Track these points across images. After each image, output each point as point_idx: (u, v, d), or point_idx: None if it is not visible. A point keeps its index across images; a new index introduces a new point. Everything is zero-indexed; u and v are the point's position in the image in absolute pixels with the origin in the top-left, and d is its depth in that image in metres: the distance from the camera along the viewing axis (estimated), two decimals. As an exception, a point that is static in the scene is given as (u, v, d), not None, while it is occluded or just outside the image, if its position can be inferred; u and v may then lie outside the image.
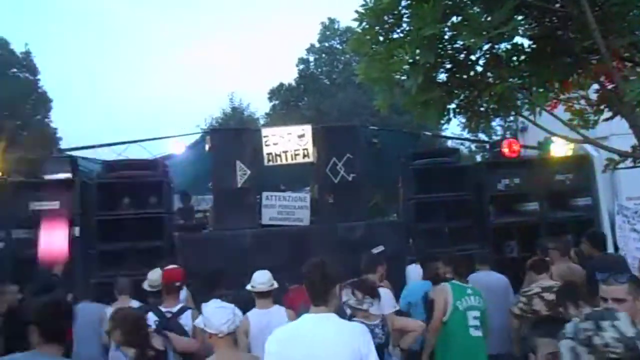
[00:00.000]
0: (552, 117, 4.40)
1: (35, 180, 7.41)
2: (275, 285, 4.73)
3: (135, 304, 5.21)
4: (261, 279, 4.63)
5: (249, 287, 4.66)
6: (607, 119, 4.44)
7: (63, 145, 22.42)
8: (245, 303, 4.45)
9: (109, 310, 4.90)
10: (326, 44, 28.25)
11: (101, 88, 52.90)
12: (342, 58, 27.40)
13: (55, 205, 7.28)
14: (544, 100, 4.24)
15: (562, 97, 4.71)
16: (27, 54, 25.65)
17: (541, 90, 4.20)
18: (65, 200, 7.30)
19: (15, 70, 25.29)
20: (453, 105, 4.24)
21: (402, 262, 7.19)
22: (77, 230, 7.38)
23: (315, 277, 2.73)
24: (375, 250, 7.27)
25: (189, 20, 60.53)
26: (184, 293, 5.29)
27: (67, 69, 45.50)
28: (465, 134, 22.24)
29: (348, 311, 3.73)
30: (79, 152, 8.41)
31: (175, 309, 4.60)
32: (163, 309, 4.57)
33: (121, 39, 57.54)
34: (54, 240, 6.94)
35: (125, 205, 7.73)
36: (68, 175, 7.33)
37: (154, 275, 5.18)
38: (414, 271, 6.43)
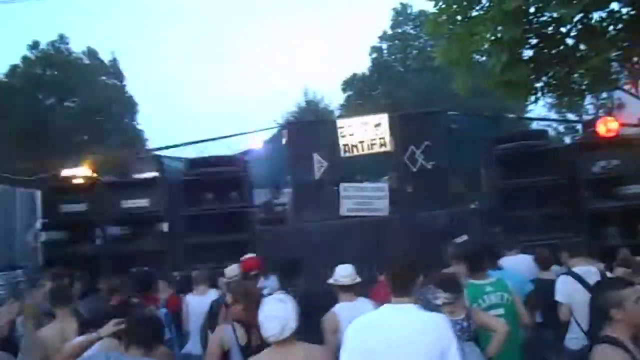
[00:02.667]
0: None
1: (126, 180, 7.83)
2: (359, 279, 4.64)
3: (214, 294, 5.33)
4: (344, 273, 4.55)
5: (331, 280, 4.60)
6: None
7: (149, 145, 23.77)
8: (317, 297, 4.41)
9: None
10: (399, 30, 27.65)
11: (182, 90, 55.41)
12: (416, 43, 26.72)
13: (144, 202, 7.67)
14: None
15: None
16: (114, 61, 27.33)
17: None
18: (153, 197, 7.66)
19: (104, 77, 27.04)
20: (541, 84, 3.93)
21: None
22: (165, 226, 7.74)
23: (398, 268, 2.63)
24: (458, 240, 7.01)
25: (256, 18, 61.72)
26: (272, 282, 5.35)
27: (149, 74, 48.07)
28: (552, 115, 20.90)
29: (432, 304, 3.58)
30: (163, 152, 8.82)
31: None
32: None
33: (197, 40, 59.78)
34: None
35: (209, 201, 7.99)
36: (155, 173, 7.69)
37: (230, 272, 5.31)
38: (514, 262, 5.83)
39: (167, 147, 8.91)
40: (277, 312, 3.08)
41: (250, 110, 44.38)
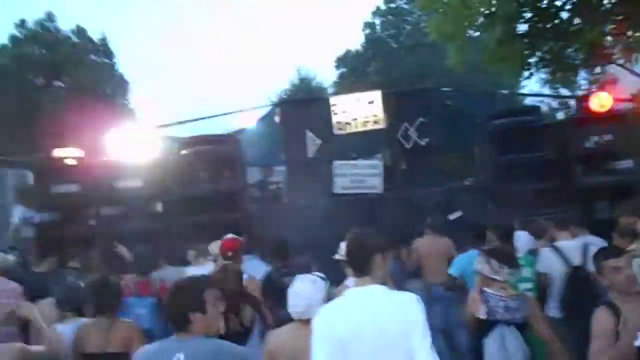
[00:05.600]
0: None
1: (119, 160, 7.76)
2: None
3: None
4: None
5: (337, 256, 4.59)
6: None
7: (142, 125, 23.47)
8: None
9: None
10: (392, 5, 27.31)
11: (174, 69, 54.76)
12: (410, 19, 26.42)
13: (138, 182, 7.62)
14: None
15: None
16: (103, 39, 26.86)
17: (639, 33, 3.75)
18: (147, 177, 7.61)
19: (93, 57, 26.60)
20: (535, 59, 3.89)
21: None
22: (159, 206, 7.71)
23: (353, 248, 2.62)
24: (452, 216, 7.04)
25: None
26: (255, 263, 5.37)
27: (140, 53, 47.41)
28: (546, 91, 20.83)
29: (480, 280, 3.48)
30: (157, 131, 8.72)
31: None
32: None
33: (189, 17, 58.85)
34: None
35: (202, 180, 7.95)
36: (149, 153, 7.63)
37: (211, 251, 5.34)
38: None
39: (160, 127, 8.81)
40: (305, 292, 3.10)
41: (244, 88, 44.06)
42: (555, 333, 3.69)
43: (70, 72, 24.67)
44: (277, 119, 8.40)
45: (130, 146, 7.65)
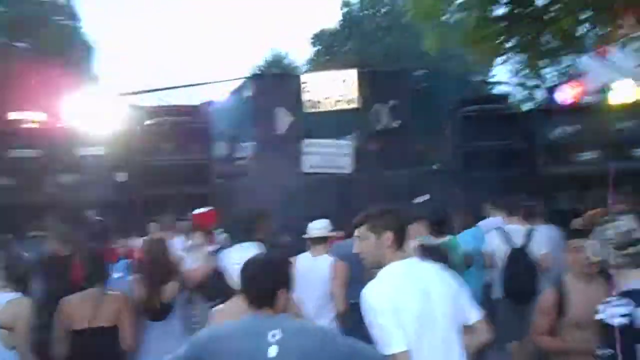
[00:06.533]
0: (617, 59, 3.96)
1: (81, 126, 7.48)
2: (331, 233, 4.60)
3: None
4: (316, 225, 4.50)
5: (305, 236, 4.55)
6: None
7: (107, 92, 22.76)
8: (280, 250, 4.38)
9: None
10: (370, -15, 27.04)
11: (143, 36, 53.13)
12: (387, 0, 26.23)
13: (101, 151, 7.37)
14: (616, 37, 3.82)
15: (634, 35, 4.24)
16: (68, 0, 25.77)
17: (612, 25, 3.78)
18: (111, 146, 7.37)
19: (59, 17, 25.51)
20: (511, 44, 3.88)
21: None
22: (123, 176, 7.49)
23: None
24: (419, 199, 7.08)
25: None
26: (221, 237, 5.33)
27: (108, 17, 45.71)
28: (516, 81, 21.09)
29: None
30: (123, 99, 8.45)
31: None
32: None
33: (162, -15, 57.09)
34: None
35: (168, 152, 7.76)
36: (113, 121, 7.38)
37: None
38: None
39: (125, 94, 8.54)
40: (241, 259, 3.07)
41: (217, 62, 43.15)
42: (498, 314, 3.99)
43: (32, 33, 23.61)
44: (248, 93, 8.23)
45: (93, 113, 7.38)
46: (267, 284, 2.21)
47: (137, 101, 8.79)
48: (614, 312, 2.27)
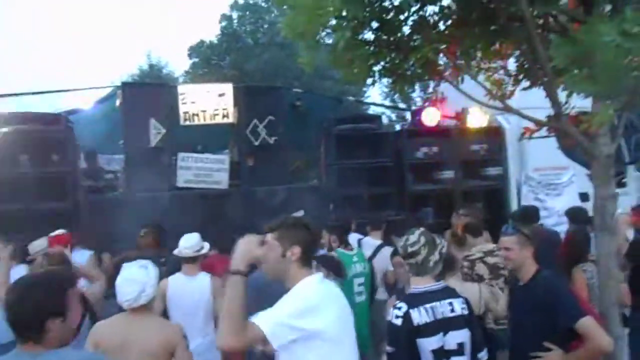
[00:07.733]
0: (471, 87, 4.39)
1: None
2: (205, 250, 4.51)
3: (22, 269, 4.72)
4: (186, 244, 4.39)
5: (176, 251, 4.43)
6: (525, 89, 4.52)
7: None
8: None
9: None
10: (250, 1, 27.22)
11: (7, 34, 47.97)
12: (267, 17, 26.58)
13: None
14: (467, 68, 4.22)
15: (483, 66, 4.73)
16: None
17: (465, 57, 4.19)
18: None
19: None
20: (379, 67, 4.11)
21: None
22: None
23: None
24: (294, 215, 7.16)
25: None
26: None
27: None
28: (387, 102, 22.52)
29: None
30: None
31: None
32: None
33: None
34: None
35: (23, 163, 7.02)
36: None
37: (36, 247, 4.81)
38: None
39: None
40: (137, 277, 2.96)
41: (86, 69, 40.21)
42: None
43: None
44: (118, 102, 7.75)
45: None
46: (27, 314, 1.83)
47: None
48: (392, 313, 2.73)
